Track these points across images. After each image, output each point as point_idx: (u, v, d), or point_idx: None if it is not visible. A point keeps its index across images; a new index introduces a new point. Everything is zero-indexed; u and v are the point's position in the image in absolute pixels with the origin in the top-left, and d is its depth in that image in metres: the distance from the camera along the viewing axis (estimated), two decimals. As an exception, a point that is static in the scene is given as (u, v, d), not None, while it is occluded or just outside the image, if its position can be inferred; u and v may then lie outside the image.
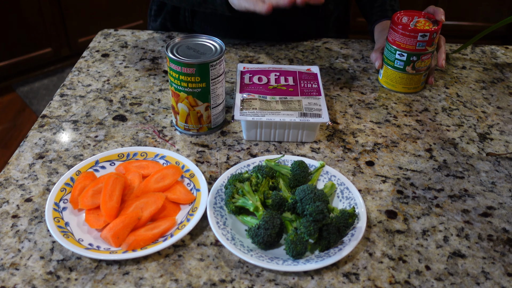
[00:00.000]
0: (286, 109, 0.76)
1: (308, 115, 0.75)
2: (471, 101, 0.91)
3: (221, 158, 0.75)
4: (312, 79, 0.84)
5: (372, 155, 0.77)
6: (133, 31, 1.11)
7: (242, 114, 0.75)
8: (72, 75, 0.95)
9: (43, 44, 2.56)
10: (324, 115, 0.75)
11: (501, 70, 1.02)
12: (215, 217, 0.62)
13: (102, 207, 0.62)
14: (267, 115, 0.75)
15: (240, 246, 0.59)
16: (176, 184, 0.68)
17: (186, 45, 0.75)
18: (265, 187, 0.65)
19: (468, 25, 2.84)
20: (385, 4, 1.05)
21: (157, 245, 0.59)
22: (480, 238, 0.63)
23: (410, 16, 0.88)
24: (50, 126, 0.81)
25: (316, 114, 0.75)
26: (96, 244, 0.60)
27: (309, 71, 0.86)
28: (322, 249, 0.59)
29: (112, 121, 0.82)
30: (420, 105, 0.89)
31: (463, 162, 0.76)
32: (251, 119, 0.74)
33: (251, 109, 0.76)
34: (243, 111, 0.75)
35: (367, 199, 0.69)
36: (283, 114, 0.75)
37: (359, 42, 1.10)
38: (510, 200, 0.69)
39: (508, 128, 0.84)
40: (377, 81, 0.96)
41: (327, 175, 0.69)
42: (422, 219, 0.66)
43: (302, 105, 0.77)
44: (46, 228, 0.63)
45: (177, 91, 0.75)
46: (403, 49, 0.86)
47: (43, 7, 2.43)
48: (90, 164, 0.70)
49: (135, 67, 0.97)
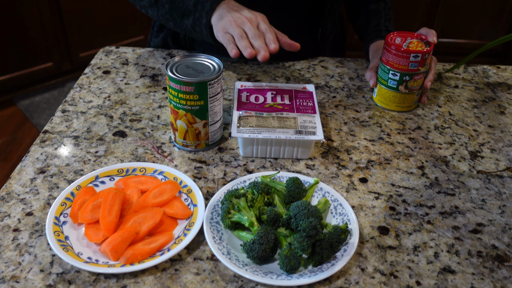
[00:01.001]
0: (282, 126, 0.78)
1: (303, 133, 0.77)
2: (463, 119, 0.93)
3: (218, 174, 0.77)
4: (308, 97, 0.86)
5: (365, 172, 0.79)
6: (134, 48, 1.14)
7: (239, 131, 0.77)
8: (74, 91, 0.97)
9: (44, 58, 2.59)
10: (319, 133, 0.77)
11: (493, 90, 1.04)
12: (211, 232, 0.64)
13: (101, 222, 0.64)
14: (263, 132, 0.77)
15: (235, 260, 0.60)
16: (174, 199, 0.69)
17: (185, 64, 0.77)
18: (261, 203, 0.67)
19: (464, 42, 2.88)
20: (380, 25, 1.08)
21: (154, 259, 0.60)
22: (470, 254, 0.65)
23: (403, 37, 0.90)
24: (51, 142, 0.83)
25: (311, 131, 0.77)
26: (95, 258, 0.61)
27: (304, 90, 0.89)
28: (315, 264, 0.61)
29: (112, 137, 0.84)
30: (413, 123, 0.91)
31: (454, 179, 0.78)
32: (248, 136, 0.76)
33: (247, 126, 0.78)
34: (240, 128, 0.77)
35: (360, 215, 0.70)
36: (279, 131, 0.77)
37: (354, 61, 1.12)
38: (499, 217, 0.71)
39: (499, 147, 0.86)
40: (371, 99, 0.98)
41: (321, 191, 0.71)
42: (414, 235, 0.68)
43: (298, 122, 0.79)
44: (46, 242, 0.64)
45: (176, 109, 0.77)
46: (396, 69, 0.89)
47: (45, 21, 2.47)
48: (90, 179, 0.72)
49: (136, 84, 1.00)
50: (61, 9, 2.49)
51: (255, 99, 0.85)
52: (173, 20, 0.95)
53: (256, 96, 0.85)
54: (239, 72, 1.05)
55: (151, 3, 0.96)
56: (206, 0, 0.89)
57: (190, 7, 0.90)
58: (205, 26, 0.88)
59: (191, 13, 0.90)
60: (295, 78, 1.04)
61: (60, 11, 2.50)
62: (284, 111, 0.82)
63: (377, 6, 1.10)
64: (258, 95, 0.86)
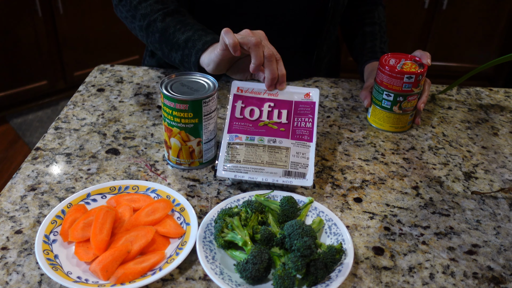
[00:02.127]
0: (271, 162, 0.75)
1: (292, 174, 0.74)
2: (456, 140, 0.94)
3: (212, 192, 0.76)
4: (308, 112, 0.80)
5: (360, 192, 0.78)
6: (129, 67, 1.14)
7: (225, 169, 0.75)
8: (67, 108, 0.97)
9: (38, 76, 2.59)
10: (309, 176, 0.74)
11: (486, 111, 1.05)
12: (204, 251, 0.63)
13: (92, 240, 0.62)
14: (250, 172, 0.74)
15: (228, 280, 0.59)
16: (166, 218, 0.68)
17: (180, 82, 0.77)
18: (254, 222, 0.66)
19: (456, 66, 2.92)
20: (375, 46, 1.09)
21: (145, 278, 0.59)
22: (465, 275, 0.64)
23: (397, 58, 0.91)
24: (43, 159, 0.82)
25: (301, 173, 0.74)
26: (85, 277, 0.60)
27: (307, 97, 0.81)
28: (309, 284, 0.60)
29: (105, 155, 0.84)
30: (407, 143, 0.92)
31: (449, 200, 0.78)
32: (234, 176, 0.74)
33: (235, 161, 0.75)
34: (227, 164, 0.75)
35: (355, 235, 0.70)
36: (267, 171, 0.74)
37: (349, 81, 1.13)
38: (494, 238, 0.71)
39: (493, 168, 0.86)
40: (365, 119, 0.98)
41: (315, 210, 0.71)
42: (409, 256, 0.67)
43: (289, 155, 0.76)
44: (35, 261, 0.63)
45: (170, 126, 0.76)
46: (390, 89, 0.89)
47: (40, 40, 2.48)
48: (81, 197, 0.71)
49: (130, 102, 0.99)
50: (56, 28, 2.51)
51: (250, 113, 0.80)
52: (161, 50, 0.93)
53: (252, 109, 0.80)
54: (233, 91, 1.05)
55: (141, 28, 0.94)
56: (198, 39, 0.86)
57: (180, 42, 0.88)
58: (193, 65, 0.86)
59: (180, 48, 0.88)
60: (290, 97, 1.04)
61: (56, 30, 2.51)
62: (278, 134, 0.78)
63: (373, 28, 1.11)
64: (254, 108, 0.80)
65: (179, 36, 0.88)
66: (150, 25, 0.92)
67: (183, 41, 0.87)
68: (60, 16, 2.49)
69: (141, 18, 0.93)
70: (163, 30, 0.90)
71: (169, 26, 0.90)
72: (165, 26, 0.90)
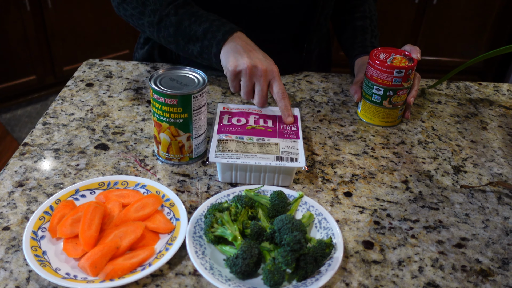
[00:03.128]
0: (262, 152, 0.75)
1: (284, 159, 0.74)
2: (446, 134, 0.94)
3: (202, 187, 0.76)
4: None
5: (350, 186, 0.78)
6: (118, 61, 1.13)
7: (217, 156, 0.74)
8: (56, 103, 0.96)
9: (27, 71, 2.57)
10: (301, 160, 0.74)
11: (475, 105, 1.05)
12: (194, 246, 0.63)
13: (81, 236, 0.62)
14: (242, 158, 0.74)
15: (218, 275, 0.59)
16: (156, 213, 0.68)
17: (169, 77, 0.77)
18: (244, 216, 0.66)
19: (446, 60, 2.94)
20: (366, 40, 1.09)
21: (135, 274, 0.59)
22: (454, 268, 0.65)
23: (387, 53, 0.91)
24: (31, 154, 0.81)
25: (292, 158, 0.74)
26: (74, 274, 0.60)
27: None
28: (299, 279, 0.60)
29: (94, 150, 0.83)
30: (397, 138, 0.92)
31: (438, 194, 0.78)
32: (226, 161, 0.73)
33: (226, 151, 0.75)
34: (219, 153, 0.75)
35: (345, 229, 0.70)
36: (259, 157, 0.74)
37: (339, 76, 1.13)
38: (483, 232, 0.71)
39: (481, 161, 0.87)
40: (356, 114, 0.98)
41: (305, 205, 0.71)
42: (398, 250, 0.67)
43: (279, 148, 0.76)
44: (23, 257, 0.62)
45: (159, 121, 0.76)
46: (380, 84, 0.89)
47: (29, 34, 2.45)
48: (70, 193, 0.71)
49: (119, 97, 0.99)
50: (45, 23, 2.48)
51: (237, 121, 0.82)
52: (175, 43, 0.93)
53: (238, 119, 0.83)
54: (224, 85, 1.05)
55: (152, 24, 0.93)
56: (217, 30, 0.87)
57: (198, 34, 0.89)
58: (215, 55, 0.88)
59: (199, 40, 0.89)
60: (280, 92, 1.04)
61: (44, 24, 2.48)
62: (266, 134, 0.79)
63: (363, 23, 1.11)
64: (240, 118, 0.83)
65: (196, 28, 0.89)
66: (162, 19, 0.91)
67: (201, 32, 0.89)
68: (49, 10, 2.46)
69: (151, 14, 0.92)
70: (178, 23, 0.90)
71: (184, 19, 0.90)
72: (180, 19, 0.90)
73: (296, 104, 1.00)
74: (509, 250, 0.68)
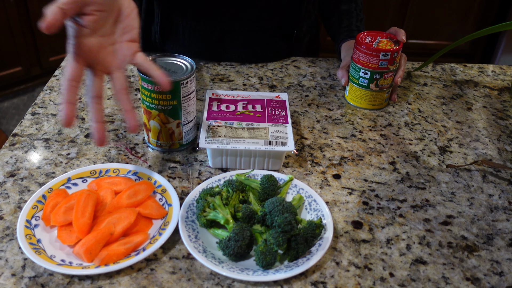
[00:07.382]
0: (252, 136, 0.76)
1: (273, 143, 0.75)
2: (432, 116, 0.96)
3: (193, 173, 0.77)
4: (280, 106, 0.84)
5: (338, 169, 0.80)
6: (105, 50, 1.12)
7: (207, 142, 0.74)
8: (44, 93, 0.96)
9: (13, 62, 2.54)
10: (290, 143, 0.75)
11: (460, 87, 1.07)
12: (187, 230, 0.64)
13: (74, 223, 0.63)
14: (232, 143, 0.74)
15: (211, 258, 0.60)
16: (148, 200, 0.69)
17: (158, 64, 0.77)
18: (236, 200, 0.67)
19: (433, 43, 2.95)
20: (351, 25, 1.10)
21: (129, 259, 0.60)
22: (440, 245, 0.67)
23: (373, 36, 0.92)
24: (21, 145, 0.81)
25: (281, 142, 0.75)
26: (69, 260, 0.60)
27: (277, 98, 0.87)
28: (290, 259, 0.61)
29: (84, 139, 0.83)
30: (384, 120, 0.93)
31: (425, 174, 0.80)
32: (216, 147, 0.74)
33: (216, 136, 0.76)
34: (209, 138, 0.75)
35: (334, 210, 0.72)
36: (249, 142, 0.75)
37: (326, 60, 1.14)
38: (468, 209, 0.73)
39: (467, 141, 0.89)
40: (343, 98, 1.00)
41: (295, 188, 0.72)
42: (386, 229, 0.69)
43: (269, 133, 0.77)
44: (17, 246, 0.63)
45: (148, 109, 0.76)
46: (366, 67, 0.90)
47: (13, 25, 2.42)
48: (62, 182, 0.71)
49: (107, 85, 0.99)
50: (29, 12, 2.44)
51: (226, 108, 0.83)
52: None
53: (227, 105, 0.83)
54: (212, 72, 1.06)
55: None
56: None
57: None
58: None
59: None
60: (268, 78, 1.05)
61: (29, 14, 2.45)
62: (255, 120, 0.80)
63: (349, 7, 1.11)
64: (229, 104, 0.84)
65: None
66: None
67: None
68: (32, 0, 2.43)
69: None
70: None
71: None
72: None
73: (284, 89, 1.01)
74: (493, 226, 0.70)
